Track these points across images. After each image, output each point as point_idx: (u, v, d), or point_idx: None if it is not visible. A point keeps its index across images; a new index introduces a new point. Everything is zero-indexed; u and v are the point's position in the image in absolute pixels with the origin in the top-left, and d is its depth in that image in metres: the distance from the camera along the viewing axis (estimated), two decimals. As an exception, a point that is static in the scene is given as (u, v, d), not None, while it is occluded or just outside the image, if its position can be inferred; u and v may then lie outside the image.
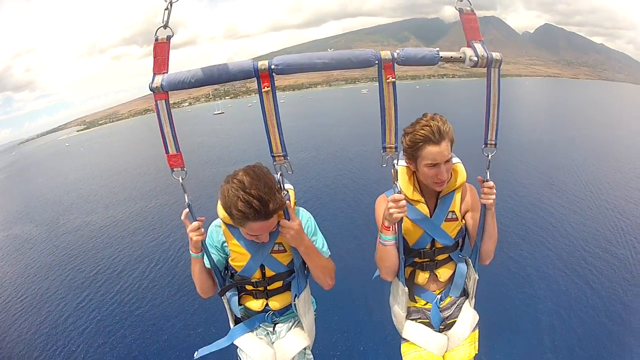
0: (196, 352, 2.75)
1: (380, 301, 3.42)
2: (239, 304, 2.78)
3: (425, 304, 2.92)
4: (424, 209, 2.70)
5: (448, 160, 2.48)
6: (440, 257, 2.82)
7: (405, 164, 2.69)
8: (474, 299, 2.92)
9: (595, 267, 17.68)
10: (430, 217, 2.70)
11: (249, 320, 2.81)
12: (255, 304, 2.74)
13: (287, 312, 2.83)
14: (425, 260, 2.80)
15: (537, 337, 13.84)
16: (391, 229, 2.48)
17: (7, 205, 49.13)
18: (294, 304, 2.65)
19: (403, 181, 2.68)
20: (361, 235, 20.11)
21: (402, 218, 2.44)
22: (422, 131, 2.39)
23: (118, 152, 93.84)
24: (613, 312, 14.78)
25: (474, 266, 2.83)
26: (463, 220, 2.80)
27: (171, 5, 2.14)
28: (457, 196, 2.72)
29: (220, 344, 2.80)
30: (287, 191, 2.37)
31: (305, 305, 2.72)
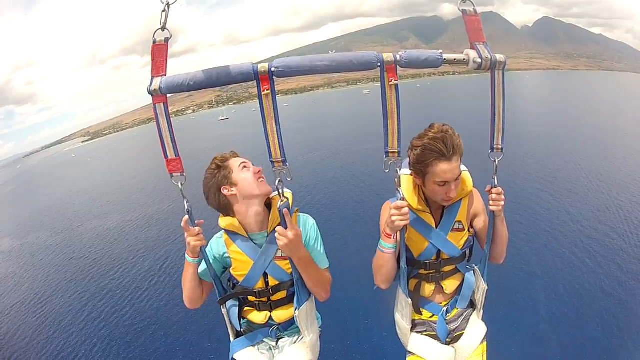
0: None
1: (384, 312, 3.35)
2: (242, 318, 2.72)
3: (431, 317, 2.83)
4: (429, 219, 2.62)
5: (458, 177, 2.40)
6: (447, 269, 2.72)
7: (409, 173, 2.61)
8: (482, 311, 2.84)
9: (593, 241, 18.11)
10: (436, 227, 2.62)
11: (251, 334, 2.73)
12: (259, 317, 2.66)
13: (291, 327, 2.74)
14: (431, 272, 2.71)
15: (533, 309, 13.97)
16: (392, 237, 2.42)
17: (19, 215, 49.06)
18: (296, 316, 2.56)
19: (407, 190, 2.60)
20: (364, 240, 19.28)
21: (404, 226, 2.37)
22: (433, 145, 2.28)
23: (125, 159, 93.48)
24: (612, 278, 15.14)
25: (483, 276, 2.74)
26: (470, 230, 2.72)
27: (168, 7, 2.11)
28: (464, 205, 2.64)
29: None
30: (287, 198, 2.30)
31: (308, 318, 2.61)
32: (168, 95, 2.15)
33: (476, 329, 2.76)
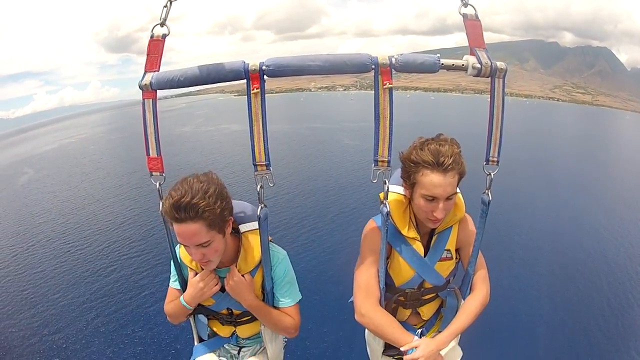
0: None
1: (356, 331, 2.82)
2: (208, 326, 2.61)
3: None
4: (419, 247, 2.39)
5: (450, 198, 2.18)
6: (427, 297, 2.57)
7: (400, 192, 2.41)
8: (459, 335, 2.51)
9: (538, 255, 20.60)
10: (424, 255, 2.41)
11: (213, 339, 2.65)
12: (223, 331, 2.58)
13: (254, 337, 2.64)
14: (410, 300, 2.55)
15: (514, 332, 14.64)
16: None
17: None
18: (261, 329, 2.48)
19: (397, 213, 2.38)
20: (340, 253, 18.84)
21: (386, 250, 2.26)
22: (429, 151, 2.10)
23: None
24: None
25: (464, 297, 2.52)
26: (457, 258, 2.53)
27: (170, 3, 2.08)
28: (454, 232, 2.44)
29: None
30: (265, 206, 2.07)
31: (273, 333, 2.51)
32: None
33: (451, 354, 2.50)
